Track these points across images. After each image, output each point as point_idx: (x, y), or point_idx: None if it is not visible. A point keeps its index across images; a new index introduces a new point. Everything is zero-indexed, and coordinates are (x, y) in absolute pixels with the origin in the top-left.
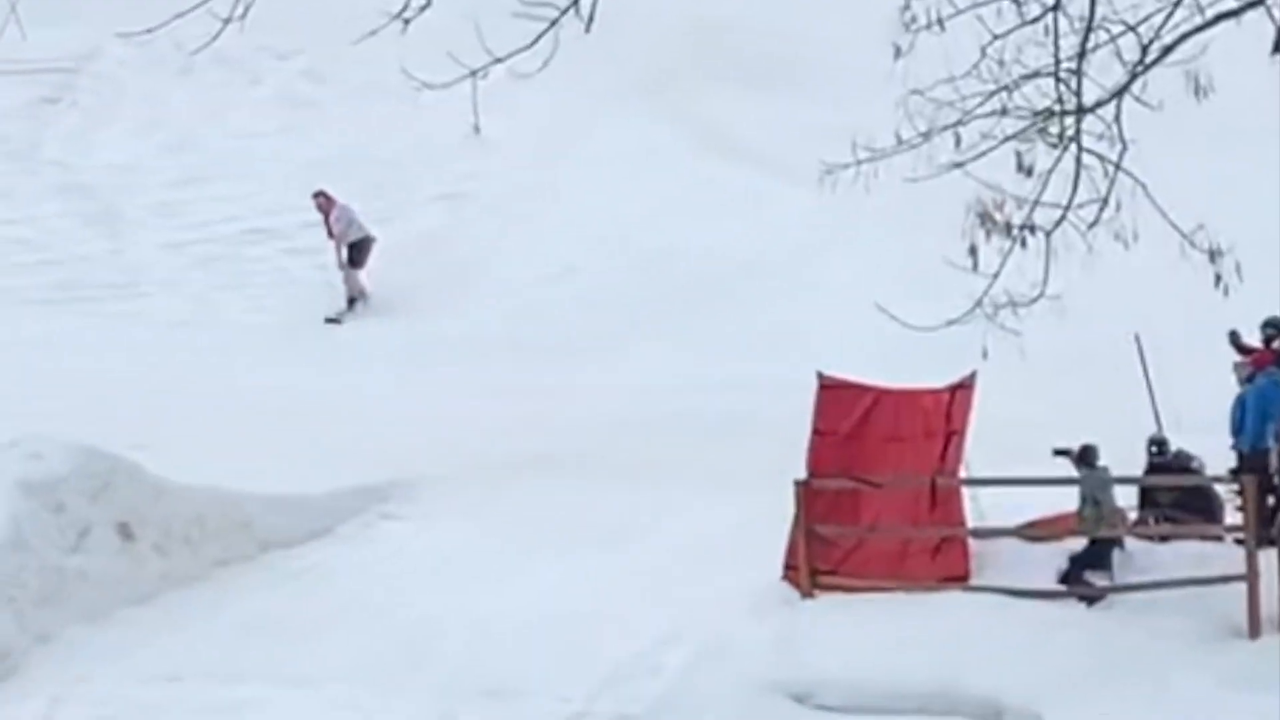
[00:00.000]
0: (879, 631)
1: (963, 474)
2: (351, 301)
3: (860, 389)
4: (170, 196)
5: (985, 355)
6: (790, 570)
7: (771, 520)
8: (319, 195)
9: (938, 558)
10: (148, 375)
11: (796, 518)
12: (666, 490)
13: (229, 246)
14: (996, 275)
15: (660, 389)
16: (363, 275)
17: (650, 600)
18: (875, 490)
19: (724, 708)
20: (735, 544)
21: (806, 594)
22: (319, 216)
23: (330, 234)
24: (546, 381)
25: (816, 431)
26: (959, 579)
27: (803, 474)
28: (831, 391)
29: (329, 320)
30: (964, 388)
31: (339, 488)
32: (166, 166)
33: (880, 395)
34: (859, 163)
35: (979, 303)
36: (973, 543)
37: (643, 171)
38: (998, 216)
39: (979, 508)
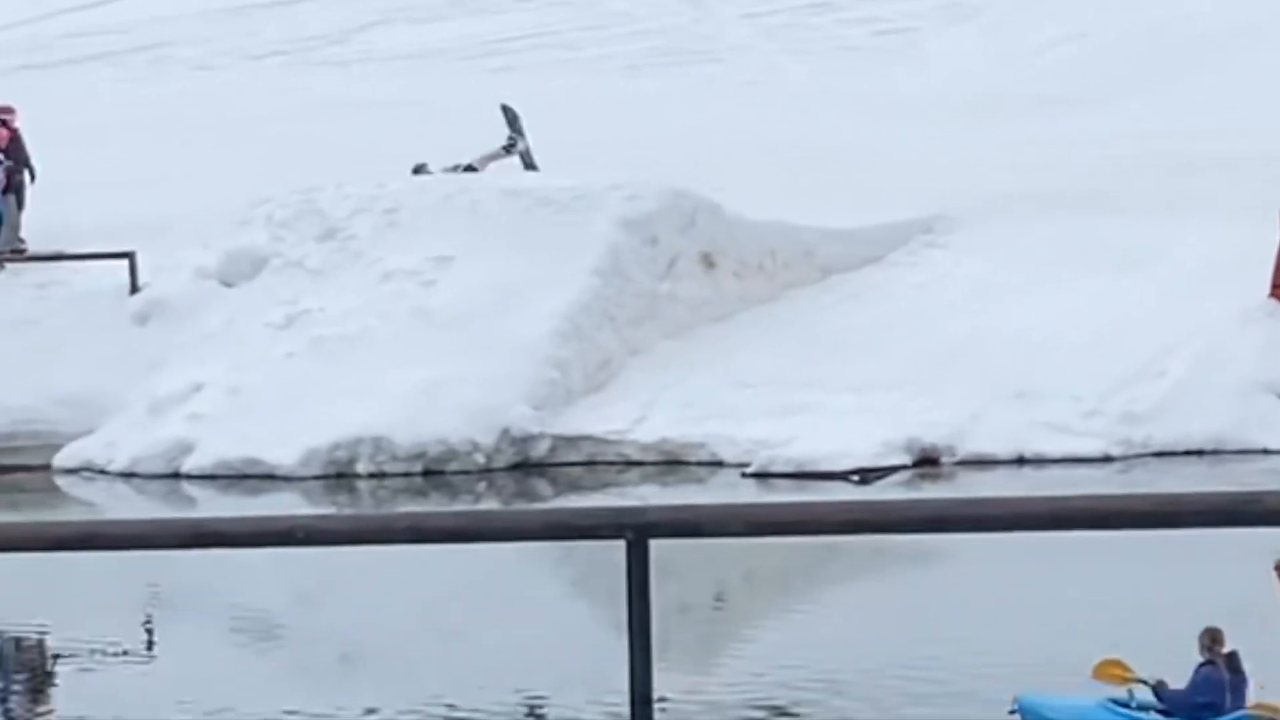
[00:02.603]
0: None
1: None
2: None
3: None
4: None
5: None
6: (1276, 289)
7: (1259, 246)
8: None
9: None
10: (726, 129)
11: None
12: (1166, 221)
13: (795, 17)
14: None
15: (1158, 134)
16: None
17: (1155, 316)
18: None
19: (1218, 406)
20: (1227, 267)
21: None
22: None
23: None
24: (1060, 129)
25: None
26: None
27: None
28: None
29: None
30: None
31: (889, 221)
32: None
33: None
34: None
35: None
36: None
37: None
38: None
39: None
